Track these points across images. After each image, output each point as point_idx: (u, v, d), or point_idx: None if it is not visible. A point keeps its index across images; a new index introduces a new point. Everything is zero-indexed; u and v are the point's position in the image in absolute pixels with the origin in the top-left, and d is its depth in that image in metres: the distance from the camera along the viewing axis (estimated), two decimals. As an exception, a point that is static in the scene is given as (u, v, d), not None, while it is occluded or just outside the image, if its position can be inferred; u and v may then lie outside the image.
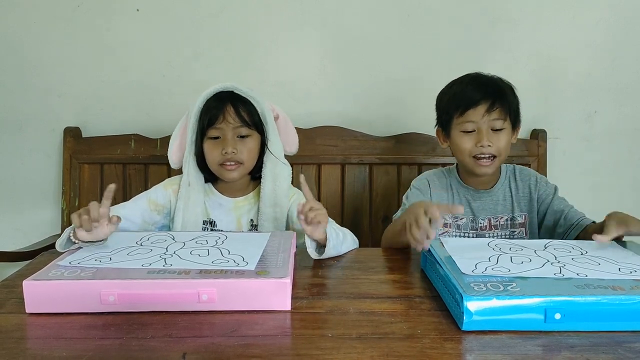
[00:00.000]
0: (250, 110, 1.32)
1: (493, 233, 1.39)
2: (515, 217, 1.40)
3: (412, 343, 0.76)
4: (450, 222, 1.39)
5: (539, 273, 0.89)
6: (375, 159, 1.88)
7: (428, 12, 1.89)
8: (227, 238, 1.09)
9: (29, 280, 0.86)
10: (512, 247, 1.05)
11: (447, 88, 1.40)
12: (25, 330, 0.81)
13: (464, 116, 1.31)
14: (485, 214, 1.40)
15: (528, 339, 0.77)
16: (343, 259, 1.14)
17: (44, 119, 1.90)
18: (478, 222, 1.39)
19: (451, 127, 1.35)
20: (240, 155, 1.31)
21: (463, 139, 1.33)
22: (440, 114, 1.40)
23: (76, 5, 1.85)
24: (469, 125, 1.31)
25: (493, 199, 1.40)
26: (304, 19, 1.88)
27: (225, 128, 1.30)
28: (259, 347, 0.74)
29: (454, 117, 1.34)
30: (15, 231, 1.93)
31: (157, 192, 1.38)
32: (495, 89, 1.32)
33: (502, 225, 1.40)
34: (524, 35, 1.91)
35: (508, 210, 1.40)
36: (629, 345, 0.75)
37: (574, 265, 0.93)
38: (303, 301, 0.90)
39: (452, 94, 1.36)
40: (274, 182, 1.36)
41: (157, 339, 0.77)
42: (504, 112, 1.32)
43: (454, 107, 1.33)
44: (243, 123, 1.31)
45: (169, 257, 0.96)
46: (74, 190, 1.86)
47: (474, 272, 0.89)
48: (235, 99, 1.32)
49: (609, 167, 1.98)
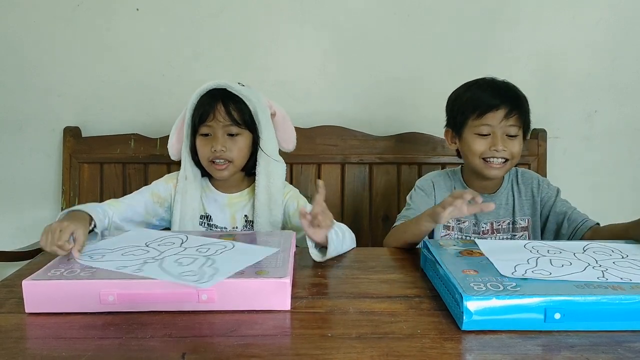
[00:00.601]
0: (241, 109, 1.33)
1: (495, 237, 1.39)
2: (517, 220, 1.40)
3: (412, 343, 0.76)
4: (453, 224, 1.39)
5: (582, 277, 0.87)
6: (375, 159, 1.88)
7: (428, 12, 1.89)
8: (233, 247, 1.03)
9: (29, 280, 0.86)
10: (550, 249, 1.03)
11: (462, 90, 1.40)
12: (24, 330, 0.81)
13: (482, 119, 1.31)
14: (488, 218, 1.39)
15: (528, 339, 0.77)
16: (343, 259, 1.14)
17: (44, 118, 1.90)
18: (480, 226, 1.39)
19: (464, 128, 1.35)
20: (230, 153, 1.32)
21: (477, 141, 1.33)
22: (454, 115, 1.39)
23: (76, 4, 1.85)
24: (485, 128, 1.32)
25: (496, 203, 1.39)
26: (304, 18, 1.88)
27: (216, 126, 1.31)
28: (258, 347, 0.74)
29: (469, 119, 1.34)
30: (15, 231, 1.93)
31: (158, 185, 1.41)
32: (514, 96, 1.33)
33: (504, 229, 1.40)
34: (524, 35, 1.90)
35: (509, 214, 1.40)
36: (629, 345, 0.75)
37: (616, 270, 0.91)
38: (303, 301, 0.90)
39: (470, 96, 1.36)
40: (268, 179, 1.37)
41: (156, 338, 0.77)
42: (520, 120, 1.33)
43: (471, 109, 1.33)
44: (233, 122, 1.32)
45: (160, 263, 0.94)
46: (73, 190, 1.86)
47: (514, 274, 0.87)
48: (227, 97, 1.32)
49: (609, 167, 1.98)
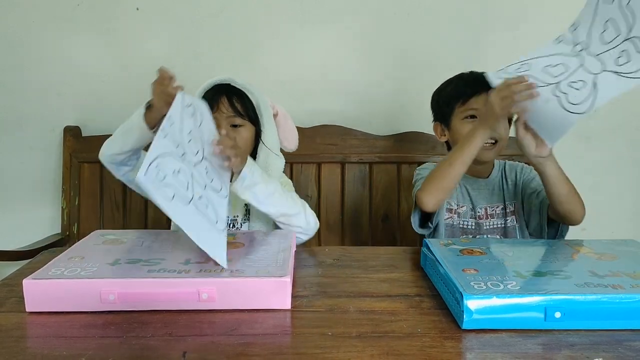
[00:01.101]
0: (244, 102, 1.37)
1: (490, 222, 1.43)
2: (507, 205, 1.44)
3: (412, 342, 0.76)
4: (455, 207, 1.43)
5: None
6: (375, 158, 1.88)
7: (428, 12, 1.89)
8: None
9: (29, 279, 0.86)
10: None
11: (444, 85, 1.48)
12: (25, 329, 0.81)
13: (467, 104, 1.38)
14: (482, 203, 1.44)
15: (528, 338, 0.77)
16: (343, 258, 1.14)
17: (44, 118, 1.91)
18: (477, 210, 1.44)
19: (452, 117, 1.41)
20: None
21: (466, 125, 1.38)
22: (440, 107, 1.46)
23: (76, 4, 1.85)
24: (472, 112, 1.38)
25: (489, 188, 1.45)
26: (304, 18, 1.88)
27: (219, 117, 1.34)
28: (259, 346, 0.74)
29: (455, 107, 1.40)
30: (15, 230, 1.93)
31: None
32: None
33: (497, 214, 1.44)
34: (523, 35, 1.90)
35: (501, 199, 1.45)
36: (629, 344, 0.75)
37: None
38: (303, 300, 0.90)
39: (453, 87, 1.43)
40: (266, 170, 1.39)
41: (157, 337, 0.77)
42: None
43: (455, 97, 1.40)
44: (236, 113, 1.35)
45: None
46: (73, 189, 1.86)
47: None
48: (230, 91, 1.36)
49: (609, 166, 1.98)
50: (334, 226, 1.90)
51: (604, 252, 1.01)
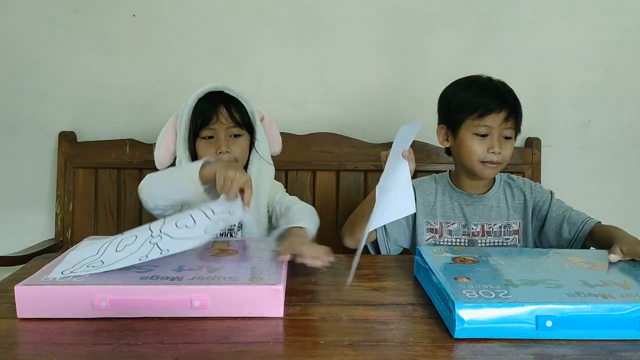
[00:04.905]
0: (241, 111, 1.37)
1: (486, 239, 1.39)
2: (510, 224, 1.40)
3: (404, 350, 0.76)
4: (438, 227, 1.40)
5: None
6: (370, 166, 1.88)
7: (423, 19, 1.90)
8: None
9: (21, 285, 0.86)
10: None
11: (460, 88, 1.38)
12: (16, 336, 0.81)
13: (482, 120, 1.31)
14: (478, 219, 1.40)
15: (520, 347, 0.77)
16: (336, 266, 1.14)
17: (39, 123, 1.90)
18: (470, 227, 1.40)
19: (462, 127, 1.35)
20: (234, 154, 1.36)
21: (474, 141, 1.33)
22: (450, 111, 1.38)
23: (72, 9, 1.85)
24: (484, 129, 1.32)
25: (487, 205, 1.41)
26: (300, 25, 1.89)
27: (219, 128, 1.34)
28: (251, 354, 0.74)
29: (468, 119, 1.33)
30: (8, 235, 1.92)
31: None
32: (513, 101, 1.35)
33: (495, 232, 1.40)
34: (519, 44, 1.92)
35: (503, 217, 1.41)
36: (620, 354, 0.76)
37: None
38: (296, 308, 0.90)
39: (471, 96, 1.34)
40: (258, 178, 1.41)
41: (149, 344, 0.77)
42: (517, 124, 1.36)
43: (471, 108, 1.32)
44: (235, 123, 1.35)
45: (159, 240, 0.95)
46: (68, 195, 1.85)
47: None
48: (226, 100, 1.36)
49: (604, 176, 1.99)
50: (328, 234, 1.89)
51: (595, 261, 1.02)
